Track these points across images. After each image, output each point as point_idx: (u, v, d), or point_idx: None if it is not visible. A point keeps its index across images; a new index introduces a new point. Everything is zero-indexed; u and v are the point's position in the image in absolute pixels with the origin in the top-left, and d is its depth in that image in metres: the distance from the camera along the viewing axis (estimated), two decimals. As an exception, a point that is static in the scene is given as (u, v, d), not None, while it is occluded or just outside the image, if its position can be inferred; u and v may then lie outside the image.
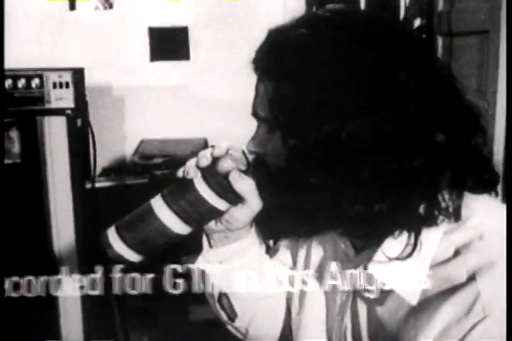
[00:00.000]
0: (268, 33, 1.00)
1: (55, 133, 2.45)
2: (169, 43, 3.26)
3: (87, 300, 2.61)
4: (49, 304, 2.54)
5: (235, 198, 1.03)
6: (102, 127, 3.00)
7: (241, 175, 1.01)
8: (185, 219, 1.01)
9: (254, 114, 1.02)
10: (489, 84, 2.74)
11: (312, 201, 0.95)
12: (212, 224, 1.08)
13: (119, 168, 2.99)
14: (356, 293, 1.08)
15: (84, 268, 2.65)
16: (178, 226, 1.01)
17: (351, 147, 0.90)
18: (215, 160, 1.02)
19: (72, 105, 2.48)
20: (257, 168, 1.03)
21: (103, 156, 2.98)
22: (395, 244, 0.98)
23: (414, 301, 0.96)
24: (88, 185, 2.68)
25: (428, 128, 0.92)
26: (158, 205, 1.02)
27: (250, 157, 1.04)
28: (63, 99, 2.46)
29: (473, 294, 0.92)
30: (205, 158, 1.02)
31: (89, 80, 2.86)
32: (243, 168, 1.02)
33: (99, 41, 3.14)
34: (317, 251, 1.18)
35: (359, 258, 1.06)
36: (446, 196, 0.96)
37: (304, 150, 0.92)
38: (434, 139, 0.92)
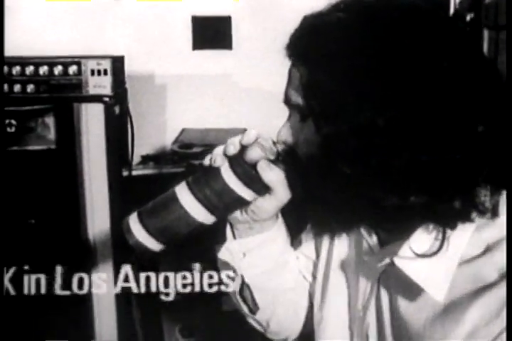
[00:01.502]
0: (303, 19, 0.98)
1: (92, 121, 2.47)
2: (212, 32, 3.24)
3: (121, 298, 2.61)
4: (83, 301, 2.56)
5: (262, 188, 1.01)
6: (143, 115, 3.01)
7: (269, 165, 0.99)
8: (210, 208, 1.00)
9: (287, 102, 1.01)
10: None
11: (345, 192, 0.92)
12: (237, 214, 1.07)
13: (158, 157, 2.98)
14: (381, 289, 1.04)
15: (119, 259, 2.67)
16: (202, 215, 1.00)
17: (388, 136, 0.87)
18: (244, 148, 1.00)
19: (109, 92, 2.49)
20: (287, 158, 1.01)
21: (143, 145, 2.99)
22: (423, 239, 0.95)
23: (440, 298, 0.93)
24: (125, 173, 2.68)
25: (469, 119, 0.88)
26: (183, 193, 1.01)
27: (280, 147, 1.02)
28: (101, 86, 2.47)
29: (504, 295, 0.88)
30: (233, 145, 1.00)
31: (130, 68, 2.88)
32: (272, 157, 1.00)
33: (141, 29, 3.13)
34: (341, 244, 1.15)
35: (384, 251, 1.03)
36: (483, 191, 0.93)
37: (338, 139, 0.90)
38: (474, 130, 0.89)
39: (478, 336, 0.89)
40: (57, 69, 2.40)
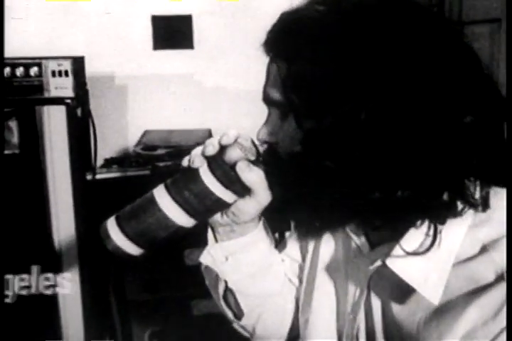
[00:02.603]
0: (281, 14, 0.95)
1: (55, 123, 2.40)
2: (173, 32, 3.20)
3: (87, 297, 2.58)
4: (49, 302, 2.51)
5: (242, 190, 0.97)
6: (104, 117, 2.95)
7: (250, 166, 0.96)
8: (189, 211, 0.96)
9: (266, 99, 0.96)
10: (501, 74, 2.68)
11: (329, 189, 0.89)
12: (217, 216, 1.03)
13: (121, 159, 2.92)
14: (371, 291, 1.01)
15: (85, 262, 2.62)
16: (182, 219, 0.96)
17: (371, 128, 0.84)
18: (223, 148, 0.96)
19: (71, 94, 2.43)
20: (268, 158, 0.98)
21: (105, 147, 2.93)
22: (413, 237, 0.92)
23: (436, 300, 0.90)
24: (89, 177, 2.62)
25: (454, 109, 0.86)
26: (161, 196, 0.97)
27: (261, 147, 0.99)
28: (63, 88, 2.41)
29: (501, 296, 0.85)
30: (211, 146, 0.96)
31: (90, 69, 2.81)
32: (252, 157, 0.97)
33: (101, 29, 3.07)
34: (327, 246, 1.12)
35: (374, 253, 1.00)
36: (473, 183, 0.90)
37: (321, 133, 0.87)
38: (461, 121, 0.86)
39: (475, 337, 0.87)
40: (19, 71, 2.33)
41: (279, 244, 1.20)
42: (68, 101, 2.44)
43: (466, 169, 0.88)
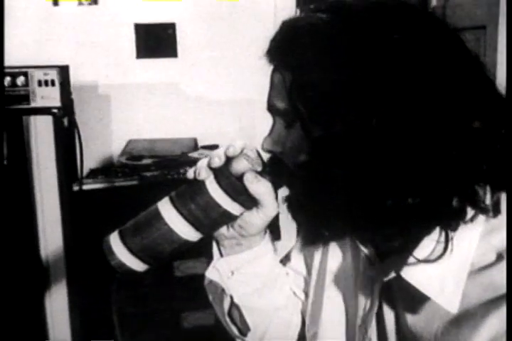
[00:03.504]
0: (282, 23, 0.92)
1: (42, 134, 2.35)
2: (156, 40, 3.16)
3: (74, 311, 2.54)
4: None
5: (249, 202, 0.95)
6: (88, 127, 2.91)
7: (257, 177, 0.93)
8: (196, 225, 0.93)
9: (271, 108, 0.94)
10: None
11: (339, 198, 0.87)
12: (223, 230, 1.01)
13: (107, 170, 2.87)
14: (383, 302, 0.99)
15: (72, 274, 2.58)
16: (188, 232, 0.93)
17: (382, 135, 0.82)
18: (229, 160, 0.94)
19: (58, 104, 2.38)
20: (273, 168, 0.95)
21: (90, 157, 2.88)
22: (425, 245, 0.90)
23: (454, 309, 0.88)
24: (76, 188, 2.57)
25: (464, 115, 0.84)
26: (167, 209, 0.93)
27: (266, 157, 0.97)
28: (49, 97, 2.36)
29: None
30: (217, 157, 0.94)
31: (73, 78, 2.77)
32: (259, 168, 0.95)
33: (83, 38, 3.03)
34: (335, 258, 1.09)
35: (386, 264, 0.97)
36: (483, 189, 0.89)
37: (330, 142, 0.85)
38: (469, 126, 0.85)
39: None
40: (6, 81, 2.28)
41: (284, 257, 1.18)
42: (55, 111, 2.39)
43: (476, 175, 0.87)
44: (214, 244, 1.05)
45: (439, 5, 2.90)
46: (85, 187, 2.62)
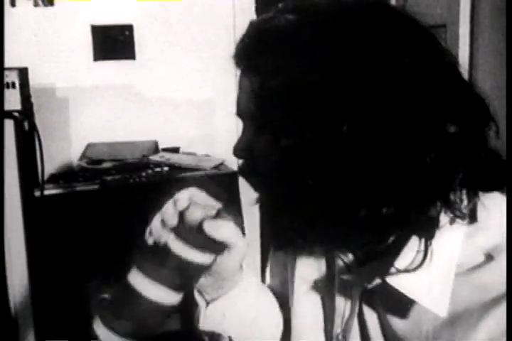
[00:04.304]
0: (249, 25, 0.89)
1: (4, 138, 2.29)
2: (113, 42, 3.11)
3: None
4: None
5: (217, 246, 0.91)
6: (47, 131, 2.83)
7: (216, 222, 0.89)
8: (174, 287, 0.89)
9: (240, 113, 0.92)
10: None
11: (310, 206, 0.85)
12: (202, 280, 0.97)
13: (67, 174, 2.82)
14: (364, 308, 0.97)
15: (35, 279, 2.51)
16: (169, 297, 0.89)
17: (354, 142, 0.80)
18: (181, 214, 0.90)
19: (19, 107, 2.32)
20: (246, 174, 0.94)
21: (50, 161, 2.82)
22: (406, 254, 0.88)
23: (443, 312, 0.86)
24: (37, 193, 2.51)
25: (438, 119, 0.82)
26: (139, 281, 0.88)
27: (239, 162, 0.95)
28: (10, 100, 2.29)
29: None
30: (170, 216, 0.89)
31: (31, 81, 2.70)
32: (213, 212, 0.90)
33: (40, 40, 2.96)
34: (306, 265, 1.07)
35: (367, 270, 0.94)
36: (458, 195, 0.87)
37: (300, 149, 0.82)
38: (443, 131, 0.82)
39: None
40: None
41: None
42: (16, 114, 2.33)
43: (451, 182, 0.85)
44: (196, 294, 1.01)
45: (398, 4, 2.92)
46: (47, 192, 2.56)
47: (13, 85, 2.33)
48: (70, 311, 2.60)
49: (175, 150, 3.11)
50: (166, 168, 2.85)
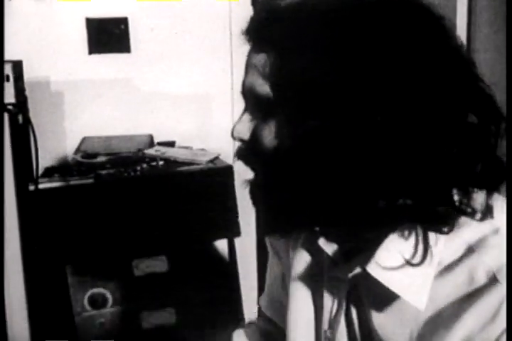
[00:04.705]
0: (261, 3, 0.87)
1: (-3, 131, 2.27)
2: (108, 35, 3.08)
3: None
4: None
5: None
6: (42, 124, 2.81)
7: None
8: None
9: (247, 92, 0.87)
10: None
11: (321, 194, 0.84)
12: None
13: (62, 168, 2.79)
14: (351, 304, 0.95)
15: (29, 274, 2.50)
16: None
17: (384, 132, 0.79)
18: None
19: (13, 100, 2.30)
20: (246, 157, 0.91)
21: (44, 155, 2.80)
22: (399, 248, 0.87)
23: (421, 305, 0.85)
24: (31, 187, 2.49)
25: (460, 109, 0.82)
26: None
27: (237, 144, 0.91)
28: (4, 93, 2.27)
29: (497, 298, 0.81)
30: None
31: (26, 74, 2.68)
32: None
33: (34, 33, 2.93)
34: (297, 260, 1.06)
35: (353, 263, 0.93)
36: (474, 192, 0.86)
37: (320, 135, 0.80)
38: (467, 121, 0.83)
39: None
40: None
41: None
42: (10, 107, 2.31)
43: (472, 173, 0.84)
44: None
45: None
46: (41, 186, 2.55)
47: (8, 78, 2.31)
48: (64, 306, 2.60)
49: (170, 144, 3.09)
50: (161, 162, 2.83)
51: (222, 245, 2.82)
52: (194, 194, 2.73)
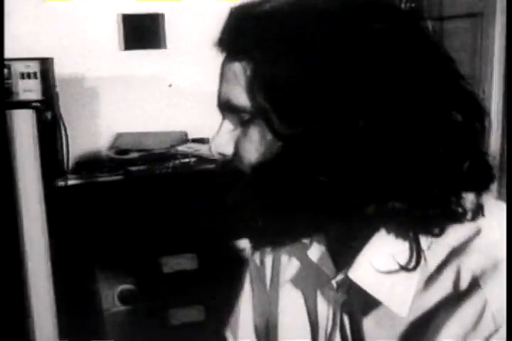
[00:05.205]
0: (231, 11, 0.85)
1: (23, 128, 2.28)
2: (144, 31, 3.09)
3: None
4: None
5: None
6: (74, 120, 2.84)
7: None
8: None
9: (224, 104, 0.86)
10: (483, 70, 2.63)
11: (310, 202, 0.81)
12: None
13: (93, 164, 2.81)
14: (344, 312, 0.93)
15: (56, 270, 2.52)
16: None
17: (368, 135, 0.76)
18: None
19: (40, 97, 2.32)
20: (226, 172, 0.89)
21: (75, 152, 2.82)
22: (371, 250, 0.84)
23: (404, 313, 0.82)
24: (61, 183, 2.51)
25: (444, 107, 0.80)
26: None
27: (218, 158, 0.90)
28: (31, 90, 2.29)
29: (479, 303, 0.78)
30: None
31: (59, 71, 2.70)
32: None
33: (68, 29, 2.95)
34: (288, 265, 1.04)
35: (339, 271, 0.91)
36: (465, 194, 0.83)
37: (305, 141, 0.78)
38: (452, 120, 0.80)
39: None
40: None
41: None
42: (36, 104, 2.32)
43: (460, 174, 0.81)
44: None
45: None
46: (70, 182, 2.56)
47: (35, 75, 2.32)
48: (91, 301, 2.61)
49: (204, 141, 3.08)
50: (193, 159, 2.82)
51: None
52: (225, 191, 2.72)
